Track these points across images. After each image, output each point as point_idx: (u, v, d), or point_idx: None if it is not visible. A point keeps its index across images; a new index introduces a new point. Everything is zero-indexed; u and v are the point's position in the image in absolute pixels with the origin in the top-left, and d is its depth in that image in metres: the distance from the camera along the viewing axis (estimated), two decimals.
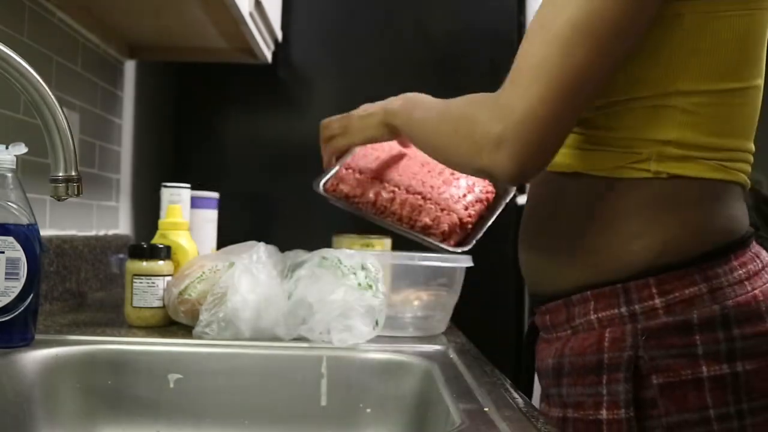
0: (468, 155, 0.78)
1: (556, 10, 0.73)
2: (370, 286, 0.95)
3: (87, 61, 1.42)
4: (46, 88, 0.72)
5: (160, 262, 1.05)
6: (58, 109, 0.72)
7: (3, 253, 0.81)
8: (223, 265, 1.00)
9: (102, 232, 1.51)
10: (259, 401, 0.90)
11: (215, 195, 1.39)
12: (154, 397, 0.89)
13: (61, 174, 0.73)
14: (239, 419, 0.89)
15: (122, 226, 1.66)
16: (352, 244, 1.41)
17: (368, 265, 0.97)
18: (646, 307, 0.76)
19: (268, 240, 1.07)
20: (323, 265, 0.97)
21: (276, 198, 1.80)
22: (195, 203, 1.34)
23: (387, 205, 1.06)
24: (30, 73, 0.71)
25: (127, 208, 1.71)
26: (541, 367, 0.88)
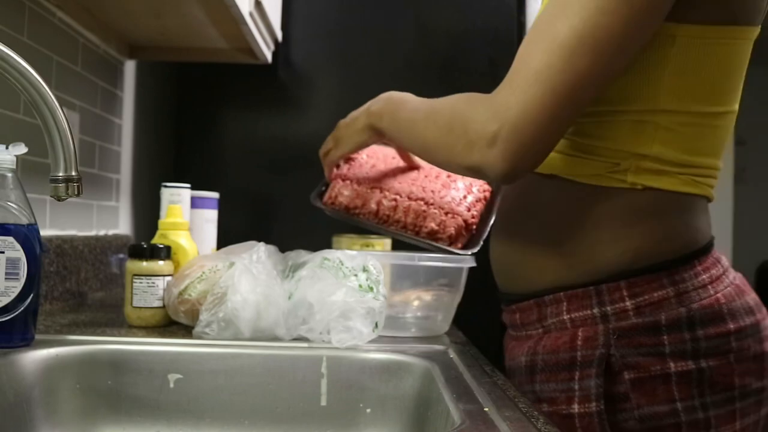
0: (460, 152, 0.79)
1: (560, 19, 0.73)
2: (371, 288, 0.95)
3: (87, 61, 1.42)
4: (46, 88, 0.72)
5: (160, 262, 1.05)
6: (58, 109, 0.72)
7: (3, 253, 0.81)
8: (223, 265, 1.00)
9: (102, 232, 1.51)
10: (259, 401, 0.90)
11: (215, 195, 1.39)
12: (154, 397, 0.89)
13: (61, 174, 0.73)
14: (239, 419, 0.89)
15: (122, 226, 1.66)
16: (352, 244, 1.41)
17: (370, 267, 0.97)
18: (618, 309, 0.81)
19: (268, 240, 1.07)
20: (324, 266, 0.97)
21: (276, 198, 1.80)
22: (195, 203, 1.34)
23: (390, 213, 1.06)
24: (30, 73, 0.71)
25: (127, 208, 1.71)
26: (512, 366, 0.91)
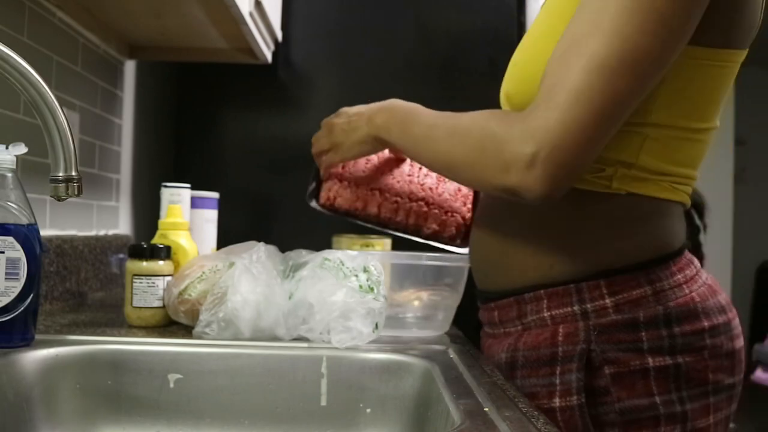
0: (493, 174, 0.78)
1: (595, 38, 0.73)
2: (371, 289, 0.95)
3: (87, 61, 1.42)
4: (46, 88, 0.72)
5: (160, 262, 1.05)
6: (58, 109, 0.72)
7: (3, 253, 0.81)
8: (223, 265, 1.00)
9: (102, 232, 1.51)
10: (259, 401, 0.90)
11: (215, 195, 1.39)
12: (154, 397, 0.89)
13: (61, 174, 0.73)
14: (239, 419, 0.89)
15: (122, 226, 1.66)
16: (352, 244, 1.41)
17: (370, 267, 0.97)
18: (597, 306, 0.83)
19: (268, 240, 1.07)
20: (325, 266, 0.97)
21: (276, 198, 1.80)
22: (195, 203, 1.34)
23: (391, 216, 1.06)
24: (30, 73, 0.71)
25: (127, 208, 1.71)
26: (491, 363, 0.90)
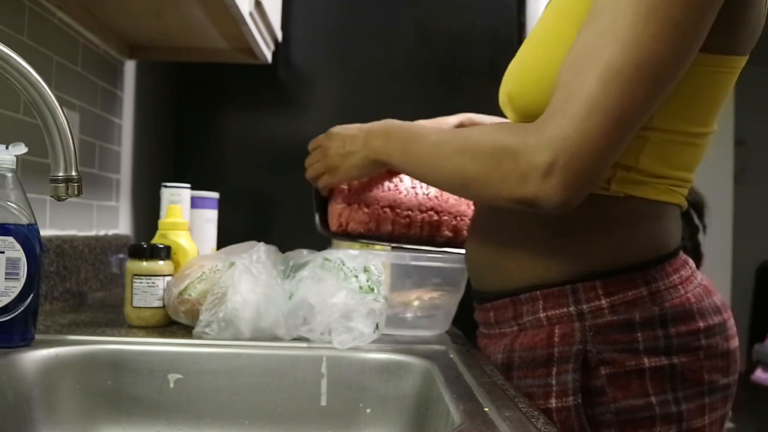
0: (510, 186, 0.77)
1: (610, 46, 0.73)
2: (371, 289, 0.95)
3: (87, 61, 1.42)
4: (46, 88, 0.72)
5: (160, 262, 1.05)
6: (58, 109, 0.72)
7: (3, 253, 0.81)
8: (223, 265, 1.00)
9: (102, 232, 1.51)
10: (259, 401, 0.90)
11: (215, 195, 1.39)
12: (154, 397, 0.89)
13: (61, 174, 0.73)
14: (239, 419, 0.89)
15: (122, 226, 1.66)
16: (352, 244, 1.41)
17: (371, 267, 0.97)
18: (593, 307, 0.83)
19: (268, 240, 1.07)
20: (325, 267, 0.97)
21: (276, 198, 1.80)
22: (195, 203, 1.34)
23: (405, 231, 1.06)
24: (30, 73, 0.71)
25: (127, 208, 1.71)
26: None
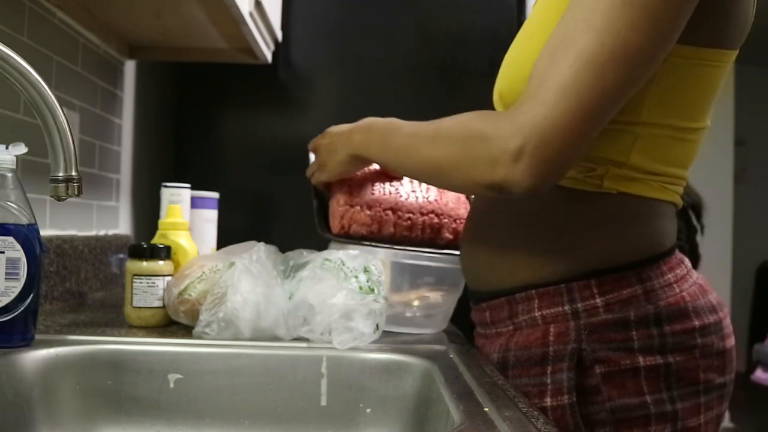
0: (481, 170, 0.77)
1: (585, 33, 0.73)
2: (371, 290, 0.94)
3: (87, 61, 1.42)
4: (46, 88, 0.72)
5: (160, 262, 1.05)
6: (58, 109, 0.72)
7: (3, 253, 0.81)
8: (223, 265, 1.00)
9: (102, 232, 1.51)
10: (259, 401, 0.90)
11: (215, 195, 1.39)
12: (154, 397, 0.89)
13: (61, 174, 0.73)
14: (239, 419, 0.89)
15: (122, 226, 1.66)
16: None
17: (371, 268, 0.97)
18: (588, 306, 0.83)
19: (268, 240, 1.07)
20: (326, 267, 0.97)
21: (276, 198, 1.80)
22: (195, 203, 1.34)
23: (407, 233, 1.07)
24: (30, 73, 0.71)
25: (127, 208, 1.71)
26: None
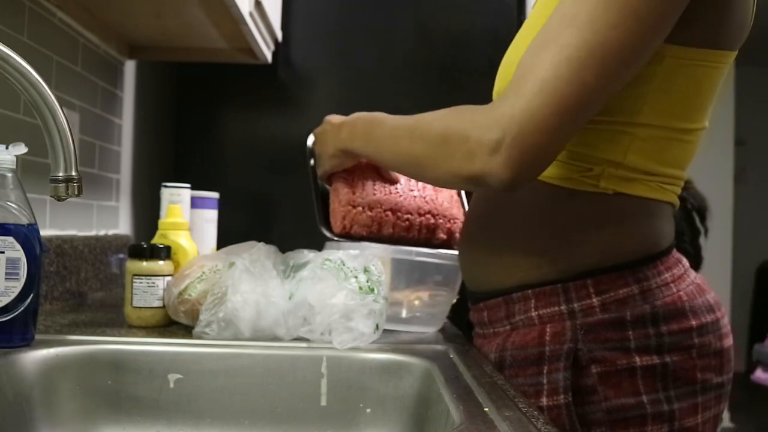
0: (458, 163, 0.77)
1: (568, 30, 0.73)
2: (371, 290, 0.94)
3: (87, 61, 1.42)
4: (46, 88, 0.72)
5: (160, 262, 1.05)
6: (58, 109, 0.72)
7: (3, 253, 0.81)
8: (223, 265, 1.00)
9: (102, 232, 1.51)
10: (259, 401, 0.90)
11: (215, 195, 1.39)
12: (154, 397, 0.89)
13: (61, 174, 0.73)
14: (239, 419, 0.89)
15: (122, 226, 1.66)
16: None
17: (371, 268, 0.97)
18: (584, 305, 0.83)
19: (268, 240, 1.07)
20: (326, 267, 0.97)
21: (276, 198, 1.80)
22: (195, 203, 1.34)
23: (404, 234, 1.09)
24: (30, 73, 0.71)
25: (127, 208, 1.71)
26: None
